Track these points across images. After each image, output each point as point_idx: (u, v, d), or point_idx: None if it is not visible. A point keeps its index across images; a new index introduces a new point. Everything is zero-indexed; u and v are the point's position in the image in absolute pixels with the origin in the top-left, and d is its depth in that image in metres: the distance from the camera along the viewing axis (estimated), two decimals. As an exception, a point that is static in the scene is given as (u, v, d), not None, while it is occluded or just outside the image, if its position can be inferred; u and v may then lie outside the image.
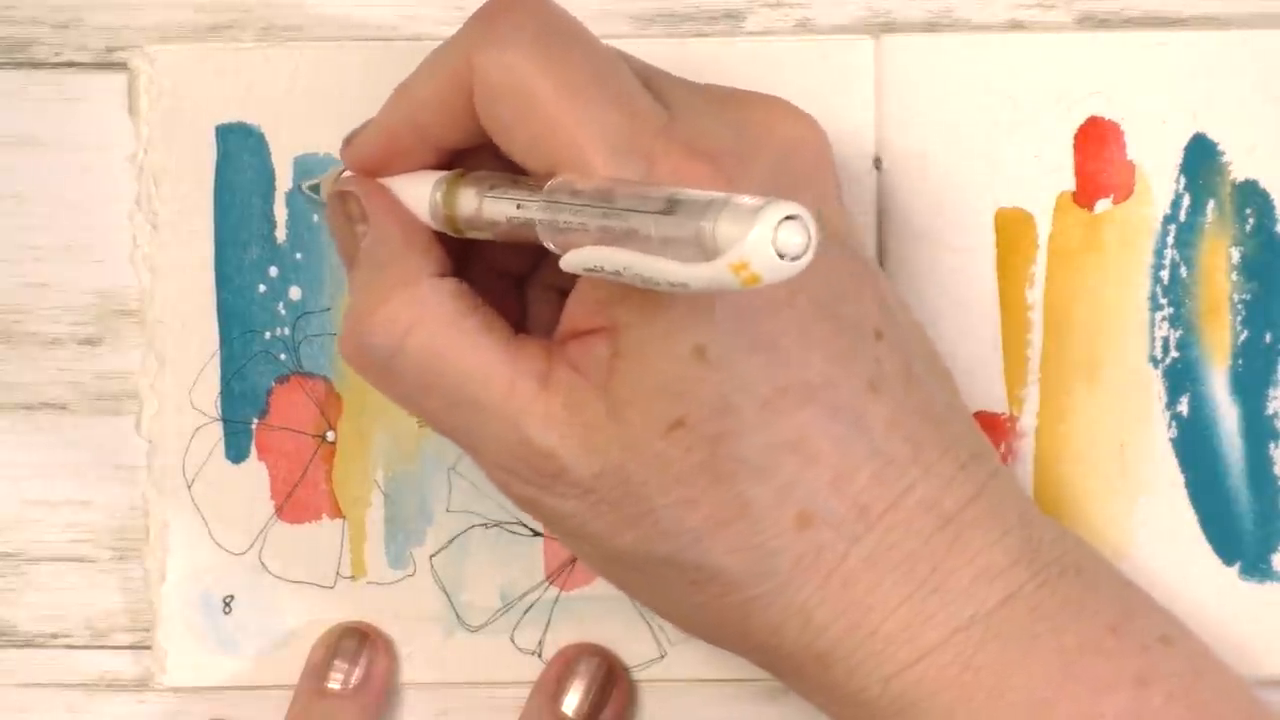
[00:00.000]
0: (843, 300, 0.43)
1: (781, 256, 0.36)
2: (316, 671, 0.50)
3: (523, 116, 0.43)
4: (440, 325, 0.43)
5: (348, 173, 0.47)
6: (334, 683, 0.50)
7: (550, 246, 0.41)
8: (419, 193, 0.45)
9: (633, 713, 0.51)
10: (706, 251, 0.36)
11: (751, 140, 0.44)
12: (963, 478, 0.43)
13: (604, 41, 0.44)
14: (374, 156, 0.46)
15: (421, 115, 0.45)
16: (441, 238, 0.45)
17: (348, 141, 0.48)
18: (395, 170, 0.46)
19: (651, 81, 0.44)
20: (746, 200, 0.36)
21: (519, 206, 0.42)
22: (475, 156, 0.46)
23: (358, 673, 0.50)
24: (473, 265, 0.47)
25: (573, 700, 0.50)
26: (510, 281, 0.48)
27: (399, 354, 0.43)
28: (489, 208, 0.43)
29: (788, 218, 0.36)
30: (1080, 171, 0.51)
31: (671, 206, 0.37)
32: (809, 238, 0.36)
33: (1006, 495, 0.44)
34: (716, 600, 0.43)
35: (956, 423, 0.44)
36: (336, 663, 0.50)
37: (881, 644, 0.43)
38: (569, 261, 0.40)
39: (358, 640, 0.50)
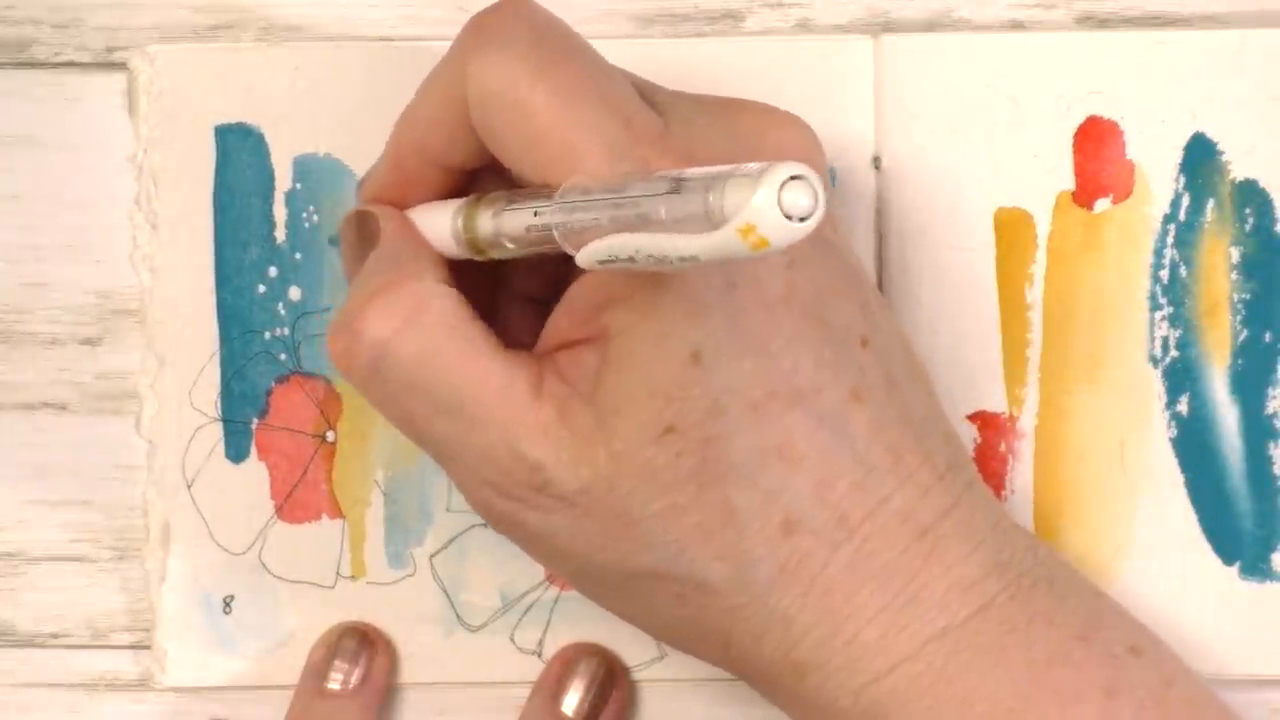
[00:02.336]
0: (831, 305, 0.43)
1: (789, 218, 0.35)
2: (317, 671, 0.50)
3: (517, 124, 0.42)
4: (436, 326, 0.43)
5: None
6: (334, 683, 0.50)
7: (569, 250, 0.41)
8: (439, 223, 0.45)
9: (633, 713, 0.51)
10: (715, 224, 0.36)
11: (745, 146, 0.44)
12: (940, 489, 0.43)
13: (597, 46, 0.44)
14: (386, 188, 0.46)
15: (425, 136, 0.45)
16: (455, 263, 0.45)
17: (361, 182, 0.48)
18: (410, 202, 0.46)
19: (645, 91, 0.44)
20: (750, 166, 0.35)
21: (535, 214, 0.42)
22: (485, 181, 0.45)
23: (358, 673, 0.50)
24: (498, 293, 0.47)
25: (573, 700, 0.50)
26: (535, 309, 0.47)
27: (389, 351, 0.43)
28: (507, 221, 0.43)
29: (792, 178, 0.35)
30: (1080, 171, 0.51)
31: (678, 186, 0.37)
32: (815, 197, 0.35)
33: (981, 506, 0.44)
34: (700, 611, 0.43)
35: (934, 432, 0.44)
36: (336, 663, 0.50)
37: (858, 652, 0.43)
38: (584, 257, 0.39)
39: (358, 640, 0.50)
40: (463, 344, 0.43)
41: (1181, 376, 0.50)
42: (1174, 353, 0.50)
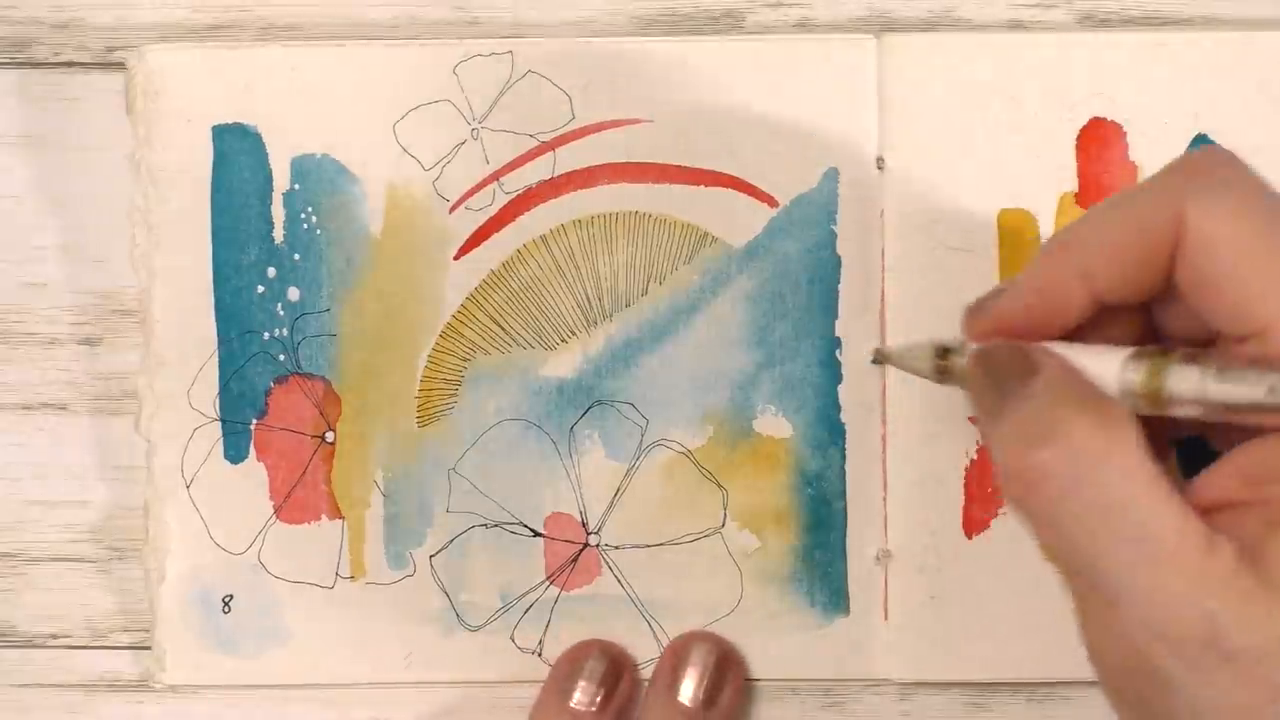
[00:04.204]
0: None
1: None
2: (561, 687, 0.51)
3: (1237, 272, 0.40)
4: (1134, 454, 0.40)
5: (972, 346, 0.44)
6: (579, 704, 0.50)
7: None
8: (1098, 369, 0.43)
9: (749, 702, 0.51)
10: None
11: None
12: None
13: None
14: (1023, 313, 0.43)
15: (1099, 264, 0.42)
16: None
17: (978, 308, 0.44)
18: (1041, 336, 0.43)
19: None
20: None
21: (1271, 390, 0.40)
22: (1108, 317, 0.44)
23: (604, 694, 0.50)
24: None
25: (688, 689, 0.50)
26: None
27: (1095, 466, 0.40)
28: (1221, 391, 0.41)
29: None
30: (1082, 172, 0.50)
31: None
32: None
33: None
34: None
35: None
36: (583, 683, 0.50)
37: None
38: None
39: (606, 662, 0.51)
40: (1154, 480, 0.40)
41: (1183, 379, 0.50)
42: (1176, 355, 0.50)
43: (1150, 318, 0.44)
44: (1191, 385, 0.42)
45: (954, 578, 0.51)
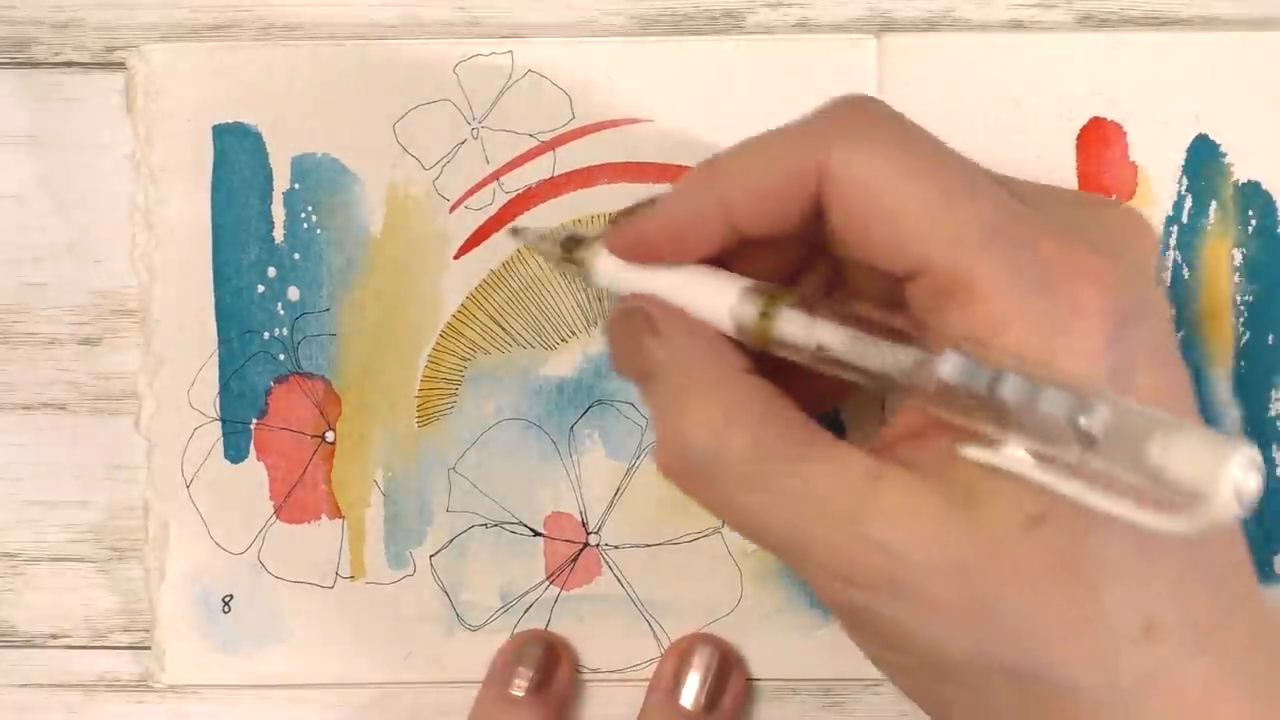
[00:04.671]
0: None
1: (1238, 501, 0.34)
2: (500, 677, 0.51)
3: (887, 216, 0.40)
4: (759, 418, 0.41)
5: (629, 275, 0.44)
6: (517, 689, 0.50)
7: (925, 405, 0.39)
8: (715, 301, 0.43)
9: (751, 703, 0.51)
10: (1150, 477, 0.34)
11: (1114, 233, 0.42)
12: (1264, 609, 0.41)
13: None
14: (656, 234, 0.43)
15: (741, 198, 0.42)
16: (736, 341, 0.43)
17: (616, 223, 0.44)
18: (667, 258, 0.44)
19: (1007, 183, 0.43)
20: (1208, 434, 0.33)
21: (921, 362, 0.39)
22: (746, 251, 0.44)
23: (540, 679, 0.50)
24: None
25: (690, 692, 0.50)
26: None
27: (721, 450, 0.41)
28: (831, 338, 0.41)
29: (1247, 461, 0.33)
30: (1082, 173, 0.50)
31: (1091, 441, 0.35)
32: (1260, 479, 0.34)
33: None
34: (1051, 715, 0.40)
35: (1248, 552, 0.43)
36: (520, 669, 0.50)
37: None
38: (975, 455, 0.38)
39: (542, 647, 0.51)
40: (787, 434, 0.41)
41: (1183, 379, 0.50)
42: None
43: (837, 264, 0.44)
44: (795, 329, 0.41)
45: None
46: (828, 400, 0.48)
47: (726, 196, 0.42)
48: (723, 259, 0.43)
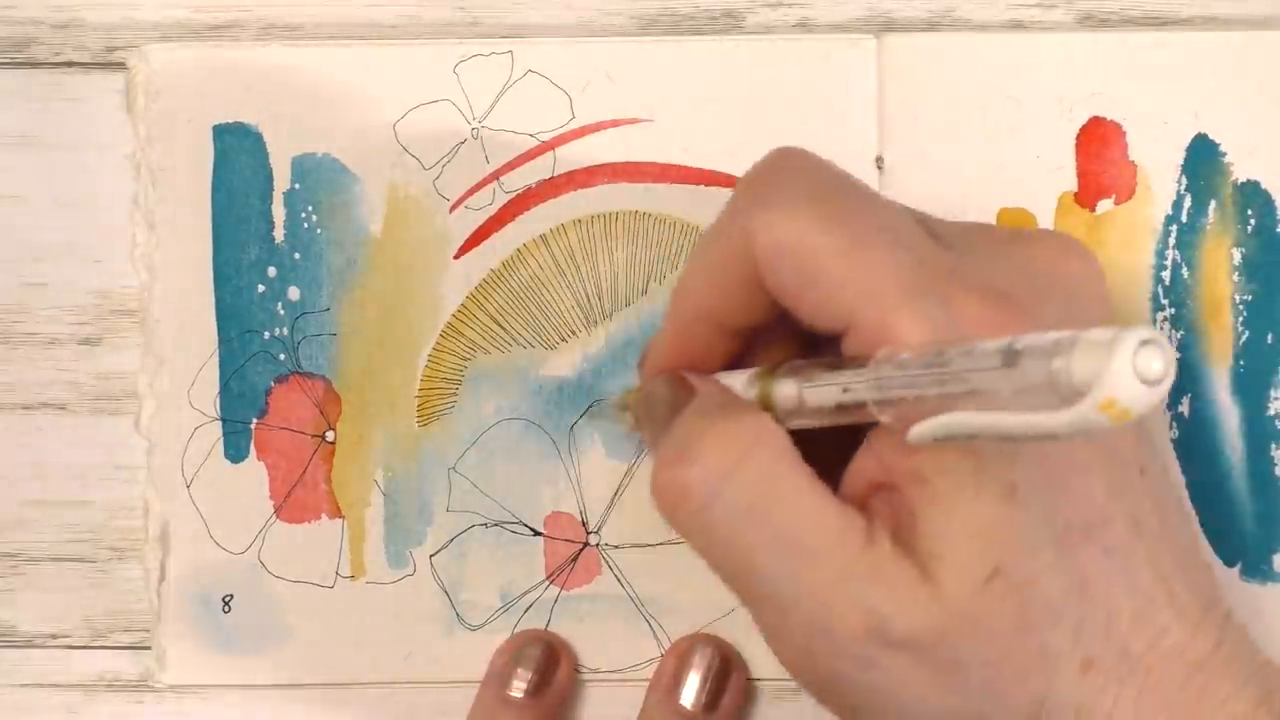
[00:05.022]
0: (1114, 438, 0.42)
1: (1144, 383, 0.34)
2: (500, 678, 0.51)
3: (809, 273, 0.41)
4: (774, 460, 0.41)
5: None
6: (516, 690, 0.50)
7: (884, 420, 0.39)
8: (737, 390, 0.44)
9: (751, 704, 0.51)
10: (1062, 394, 0.34)
11: (1039, 277, 0.42)
12: (1207, 622, 0.42)
13: (867, 183, 0.44)
14: (671, 358, 0.45)
15: (708, 300, 0.44)
16: None
17: (644, 353, 0.46)
18: (697, 371, 0.45)
19: (930, 226, 0.43)
20: (1096, 334, 0.34)
21: (845, 390, 0.40)
22: (765, 341, 0.45)
23: (540, 680, 0.50)
24: None
25: (690, 692, 0.50)
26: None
27: (728, 481, 0.41)
28: (812, 397, 0.42)
29: (1143, 343, 0.34)
30: (1082, 172, 0.50)
31: (1012, 358, 0.35)
32: (1166, 361, 0.34)
33: (1242, 641, 0.43)
34: None
35: (1197, 564, 0.43)
36: (519, 670, 0.50)
37: None
38: (917, 436, 0.38)
39: (541, 648, 0.50)
40: (798, 480, 0.41)
41: (1183, 378, 0.50)
42: (1176, 354, 0.50)
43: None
44: (790, 396, 0.42)
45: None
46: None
47: (698, 305, 0.44)
48: (753, 348, 0.45)
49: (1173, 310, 0.50)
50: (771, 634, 0.43)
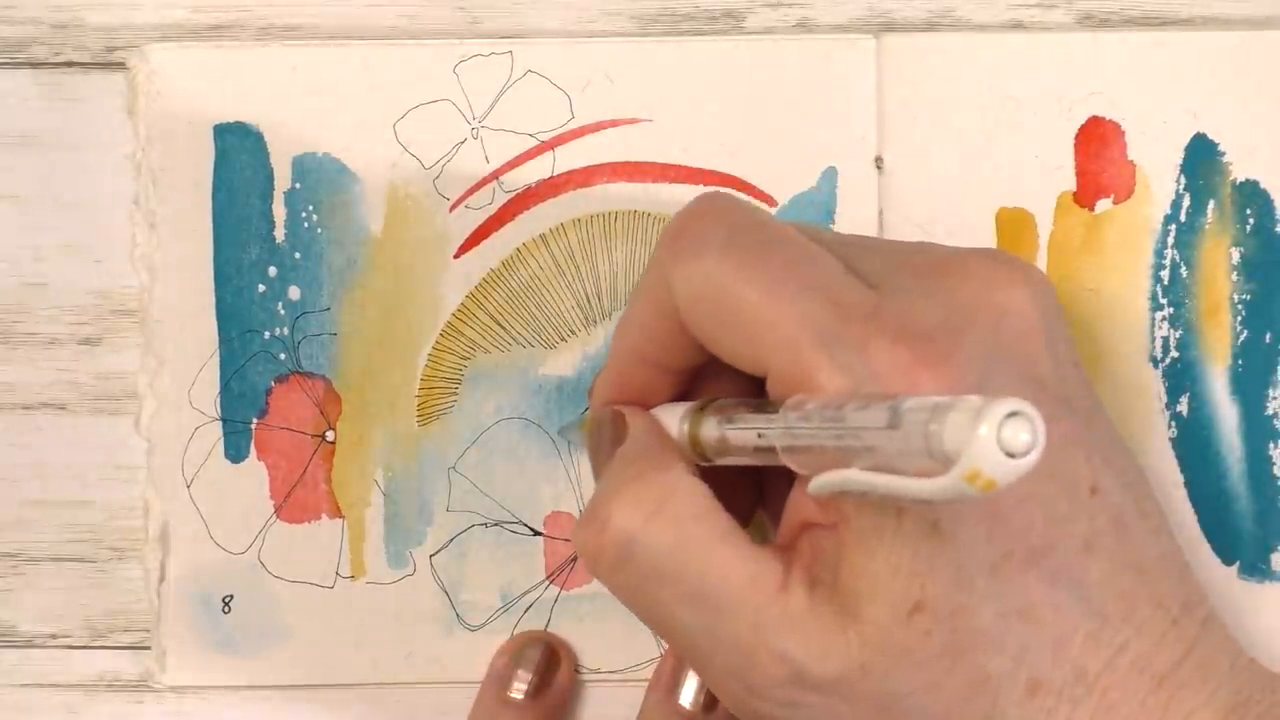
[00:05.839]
0: (1059, 460, 0.42)
1: (1010, 456, 0.34)
2: (500, 679, 0.51)
3: (727, 322, 0.42)
4: (685, 515, 0.42)
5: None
6: (516, 691, 0.50)
7: (795, 468, 0.40)
8: (669, 428, 0.45)
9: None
10: (936, 459, 0.35)
11: (962, 311, 0.42)
12: (1174, 634, 0.42)
13: (799, 228, 0.44)
14: (615, 392, 0.46)
15: (641, 343, 0.45)
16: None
17: (590, 388, 0.48)
18: (641, 404, 0.46)
19: (852, 257, 0.43)
20: (967, 402, 0.34)
21: (760, 435, 0.41)
22: (716, 368, 0.45)
23: (540, 681, 0.50)
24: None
25: (689, 692, 0.50)
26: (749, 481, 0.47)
27: (639, 539, 0.42)
28: (733, 436, 0.43)
29: (1010, 415, 0.34)
30: (1081, 171, 0.51)
31: (895, 419, 0.36)
32: (1034, 433, 0.34)
33: (1217, 646, 0.43)
34: None
35: (1169, 572, 0.43)
36: (519, 671, 0.50)
37: None
38: (816, 488, 0.39)
39: (541, 649, 0.51)
40: (711, 533, 0.42)
41: (1182, 377, 0.50)
42: (1174, 353, 0.50)
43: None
44: (712, 435, 0.43)
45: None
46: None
47: (634, 348, 0.45)
48: (704, 378, 0.46)
49: (1171, 309, 0.50)
50: (702, 675, 0.44)
